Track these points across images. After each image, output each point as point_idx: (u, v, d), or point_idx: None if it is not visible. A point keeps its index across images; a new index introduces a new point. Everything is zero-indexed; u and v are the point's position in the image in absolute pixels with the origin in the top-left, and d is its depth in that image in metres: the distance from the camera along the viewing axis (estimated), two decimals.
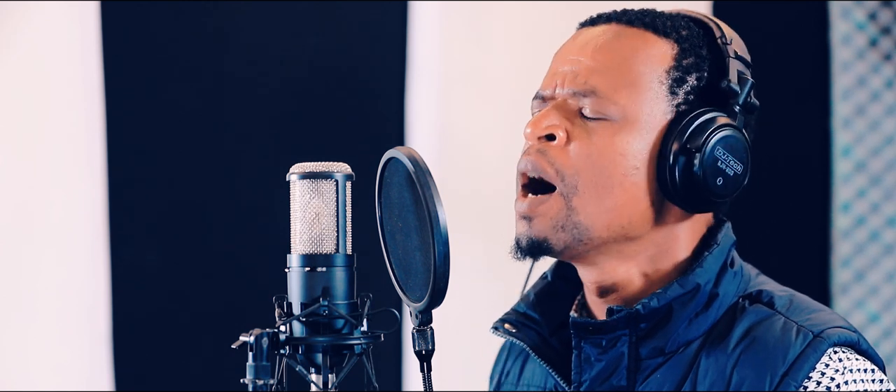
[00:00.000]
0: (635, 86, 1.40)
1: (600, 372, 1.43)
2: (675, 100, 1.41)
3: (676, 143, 1.39)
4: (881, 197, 2.91)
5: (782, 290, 1.45)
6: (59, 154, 2.58)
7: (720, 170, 1.39)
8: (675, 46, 1.42)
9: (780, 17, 2.88)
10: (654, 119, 1.40)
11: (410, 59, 2.74)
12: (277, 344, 1.20)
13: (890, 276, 2.90)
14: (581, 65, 1.42)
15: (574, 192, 1.40)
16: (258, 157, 2.67)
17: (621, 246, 1.42)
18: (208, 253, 2.67)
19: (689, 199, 1.40)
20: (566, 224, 1.40)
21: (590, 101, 1.40)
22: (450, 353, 2.59)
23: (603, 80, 1.41)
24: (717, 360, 1.38)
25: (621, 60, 1.41)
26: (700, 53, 1.42)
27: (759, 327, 1.38)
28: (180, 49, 2.65)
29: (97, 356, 2.58)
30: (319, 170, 1.22)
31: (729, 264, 1.44)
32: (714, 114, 1.40)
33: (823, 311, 1.41)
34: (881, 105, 2.90)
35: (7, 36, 2.56)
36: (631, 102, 1.40)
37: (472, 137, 2.78)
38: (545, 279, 1.55)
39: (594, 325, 1.42)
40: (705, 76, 1.42)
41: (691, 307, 1.41)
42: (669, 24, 1.43)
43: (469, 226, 2.68)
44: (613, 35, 1.43)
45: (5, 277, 2.57)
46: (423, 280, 1.19)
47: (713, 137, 1.38)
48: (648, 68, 1.41)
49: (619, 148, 1.40)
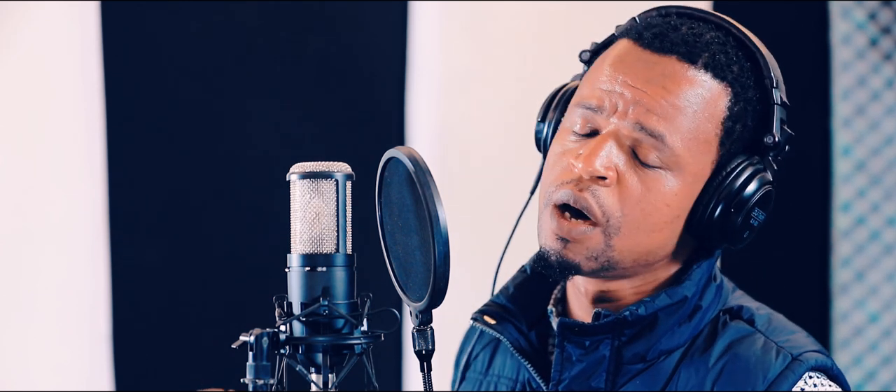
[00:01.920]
0: (695, 138, 1.40)
1: (580, 372, 1.44)
2: (722, 149, 1.42)
3: (719, 195, 1.40)
4: (881, 197, 2.90)
5: (759, 308, 1.48)
6: (59, 154, 2.58)
7: (751, 224, 1.42)
8: (729, 91, 1.41)
9: (780, 17, 2.88)
10: (702, 167, 1.41)
11: (410, 59, 2.74)
12: (277, 344, 1.20)
13: (890, 276, 2.90)
14: (647, 98, 1.39)
15: (616, 233, 1.40)
16: (258, 157, 2.67)
17: (636, 270, 1.45)
18: (208, 253, 2.67)
19: (715, 243, 1.44)
20: (600, 256, 1.41)
21: (651, 145, 1.39)
22: (450, 353, 2.59)
23: (671, 128, 1.39)
24: (697, 372, 1.41)
25: (689, 109, 1.39)
26: (748, 97, 1.42)
27: (740, 344, 1.42)
28: (180, 49, 2.65)
29: (97, 356, 2.58)
30: (319, 169, 1.22)
31: (713, 278, 1.47)
32: (756, 168, 1.41)
33: (800, 333, 1.45)
34: (881, 105, 2.90)
35: (7, 36, 2.56)
36: (688, 154, 1.40)
37: (472, 137, 2.77)
38: (524, 272, 1.56)
39: (580, 327, 1.44)
40: (750, 124, 1.43)
41: (676, 317, 1.43)
42: (724, 60, 1.41)
43: (469, 226, 2.67)
44: (679, 75, 1.40)
45: (5, 277, 2.57)
46: (423, 280, 1.19)
47: (755, 196, 1.40)
48: (708, 119, 1.40)
49: (668, 198, 1.40)
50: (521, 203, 1.58)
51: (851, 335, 2.89)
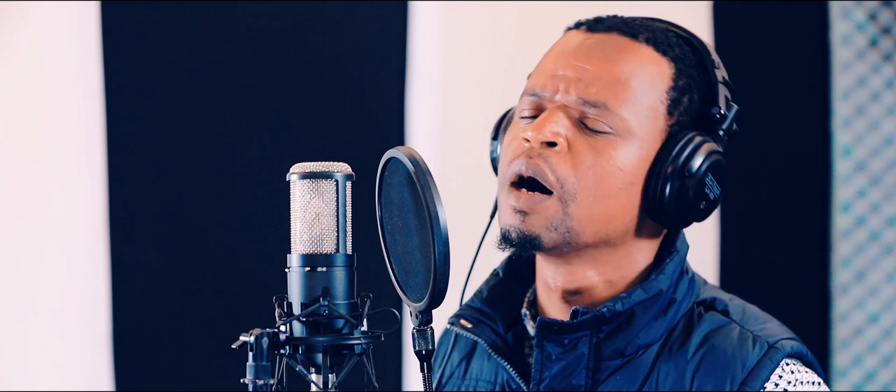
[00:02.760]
0: (639, 103, 1.43)
1: (560, 371, 1.45)
2: (670, 120, 1.45)
3: (671, 164, 1.43)
4: (881, 197, 2.91)
5: (731, 298, 1.50)
6: (59, 154, 2.58)
7: (705, 194, 1.44)
8: (672, 66, 1.46)
9: (780, 17, 2.88)
10: (652, 137, 1.44)
11: (410, 59, 2.74)
12: (277, 344, 1.20)
13: (890, 276, 2.90)
14: (588, 73, 1.44)
15: (572, 200, 1.42)
16: (258, 157, 2.67)
17: (599, 252, 1.46)
18: (208, 253, 2.67)
19: (672, 218, 1.45)
20: (559, 226, 1.43)
21: (596, 113, 1.43)
22: None
23: (611, 94, 1.43)
24: (677, 365, 1.43)
25: (629, 76, 1.44)
26: (692, 75, 1.46)
27: (716, 335, 1.44)
28: (180, 49, 2.65)
29: (97, 356, 2.58)
30: (319, 170, 1.23)
31: (685, 271, 1.49)
32: (705, 139, 1.44)
33: (773, 322, 1.48)
34: (881, 105, 2.90)
35: (7, 36, 2.56)
36: (634, 119, 1.43)
37: (472, 137, 2.77)
38: (497, 275, 1.58)
39: (559, 326, 1.45)
40: (696, 98, 1.46)
41: (652, 312, 1.45)
42: (665, 40, 1.47)
43: (469, 226, 2.67)
44: (621, 48, 1.46)
45: (5, 277, 2.57)
46: (423, 280, 1.19)
47: (705, 163, 1.43)
48: (652, 86, 1.44)
49: (620, 162, 1.43)
50: None
51: (851, 335, 2.89)
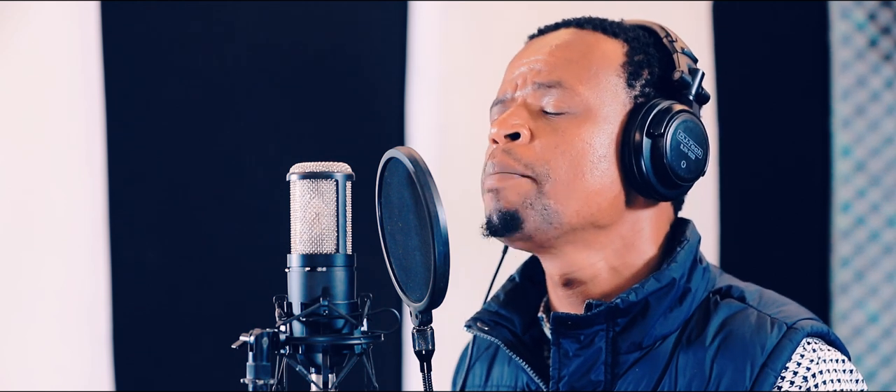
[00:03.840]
0: (595, 79, 1.45)
1: (578, 367, 1.44)
2: (632, 92, 1.46)
3: (639, 131, 1.43)
4: (881, 197, 2.91)
5: (748, 286, 1.50)
6: (59, 154, 2.58)
7: (683, 153, 1.43)
8: (624, 45, 1.47)
9: (780, 17, 2.88)
10: (614, 111, 1.44)
11: (410, 59, 2.74)
12: (277, 344, 1.20)
13: (890, 276, 2.90)
14: (540, 63, 1.47)
15: (545, 179, 1.43)
16: (258, 157, 2.67)
17: (589, 235, 1.45)
18: (208, 252, 2.67)
19: (655, 184, 1.44)
20: (535, 203, 1.42)
21: (553, 96, 1.44)
22: (450, 353, 2.59)
23: (565, 73, 1.45)
24: (695, 354, 1.42)
25: (580, 56, 1.46)
26: (648, 52, 1.48)
27: (733, 320, 1.43)
28: (180, 49, 2.65)
29: (97, 356, 2.58)
30: (319, 170, 1.23)
31: (698, 260, 1.48)
32: (670, 102, 1.44)
33: (791, 304, 1.47)
34: (881, 105, 2.90)
35: (7, 36, 2.56)
36: (592, 95, 1.44)
37: (472, 137, 2.77)
38: (513, 281, 1.58)
39: (573, 320, 1.44)
40: (657, 71, 1.47)
41: (666, 302, 1.44)
42: (617, 27, 1.49)
43: (469, 226, 2.67)
44: (569, 36, 1.49)
45: (5, 277, 2.57)
46: (423, 280, 1.19)
47: (673, 122, 1.42)
48: (605, 63, 1.45)
49: (586, 138, 1.43)
50: None
51: (851, 335, 2.89)
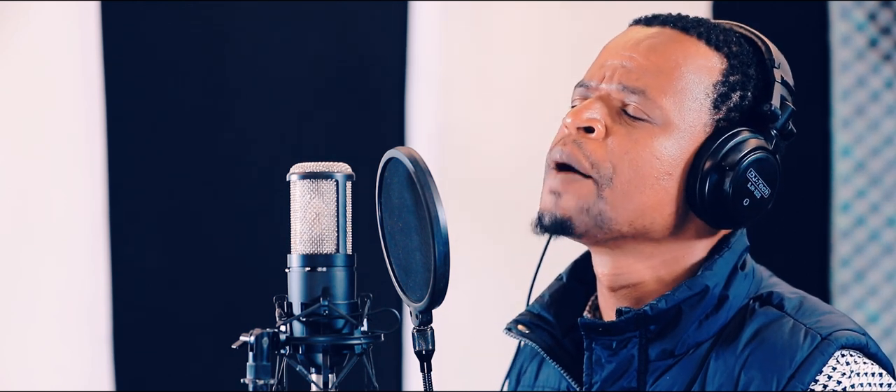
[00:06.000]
0: (682, 93, 1.41)
1: (611, 373, 1.42)
2: (717, 114, 1.41)
3: (711, 159, 1.39)
4: (881, 197, 2.91)
5: (793, 292, 1.45)
6: (59, 154, 2.58)
7: (748, 191, 1.40)
8: (724, 61, 1.43)
9: (780, 17, 2.88)
10: (694, 130, 1.41)
11: (410, 59, 2.74)
12: (278, 344, 1.20)
13: (890, 276, 2.90)
14: (633, 62, 1.42)
15: (607, 184, 1.40)
16: (258, 157, 2.67)
17: (639, 245, 1.43)
18: (208, 253, 2.67)
19: (713, 215, 1.41)
20: (592, 209, 1.40)
21: (636, 100, 1.40)
22: (450, 353, 2.59)
23: (653, 82, 1.41)
24: (726, 362, 1.38)
25: (673, 66, 1.41)
26: (747, 72, 1.43)
27: (767, 329, 1.39)
28: (180, 49, 2.65)
29: (97, 356, 2.58)
30: (319, 170, 1.22)
31: (740, 267, 1.44)
32: (751, 135, 1.40)
33: (833, 314, 1.41)
34: (881, 105, 2.90)
35: (7, 36, 2.56)
36: (675, 109, 1.40)
37: (472, 137, 2.78)
38: (560, 281, 1.54)
39: (603, 326, 1.42)
40: (749, 96, 1.43)
41: (700, 309, 1.41)
42: (722, 37, 1.44)
43: (469, 225, 2.67)
44: (668, 39, 1.43)
45: (5, 277, 2.57)
46: (423, 280, 1.19)
47: (747, 158, 1.39)
48: (697, 79, 1.41)
49: (657, 151, 1.40)
50: (520, 202, 1.57)
51: None
